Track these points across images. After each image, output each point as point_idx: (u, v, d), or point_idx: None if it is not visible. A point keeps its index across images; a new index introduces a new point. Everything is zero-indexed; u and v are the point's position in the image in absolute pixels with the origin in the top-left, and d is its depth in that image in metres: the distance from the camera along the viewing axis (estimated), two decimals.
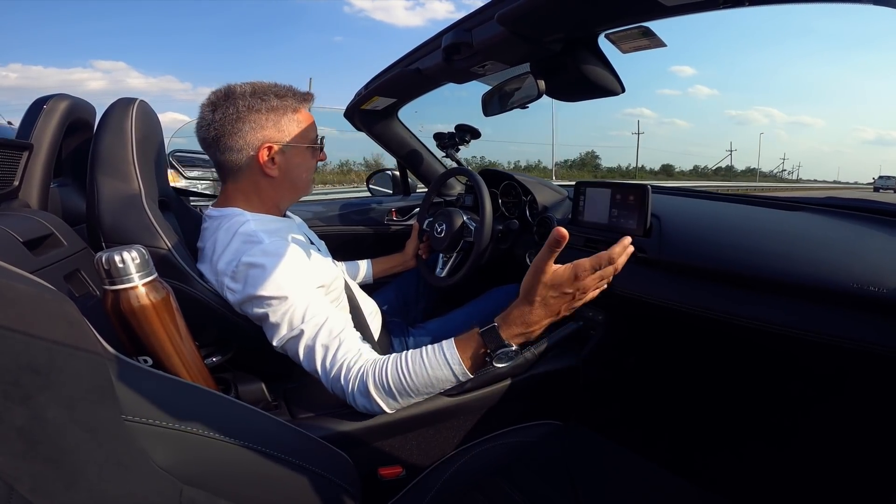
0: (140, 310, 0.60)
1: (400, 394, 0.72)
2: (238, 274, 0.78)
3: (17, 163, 0.84)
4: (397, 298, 1.44)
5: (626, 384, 1.16)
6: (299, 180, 0.93)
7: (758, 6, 0.63)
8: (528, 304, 0.69)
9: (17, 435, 0.30)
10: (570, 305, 0.70)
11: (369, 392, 0.72)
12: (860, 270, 0.70)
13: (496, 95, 1.12)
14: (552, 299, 0.68)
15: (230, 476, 0.49)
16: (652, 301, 0.94)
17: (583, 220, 1.17)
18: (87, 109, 1.07)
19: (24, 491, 0.29)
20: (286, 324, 0.75)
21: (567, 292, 0.68)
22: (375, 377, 0.72)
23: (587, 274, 0.67)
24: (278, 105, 0.85)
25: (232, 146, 0.84)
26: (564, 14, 0.75)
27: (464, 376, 0.72)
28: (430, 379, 0.72)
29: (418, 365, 0.72)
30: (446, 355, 0.72)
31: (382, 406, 0.73)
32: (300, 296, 0.76)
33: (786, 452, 1.01)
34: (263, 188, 0.89)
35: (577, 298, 0.69)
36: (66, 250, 0.77)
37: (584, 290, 0.69)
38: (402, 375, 0.71)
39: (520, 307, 0.70)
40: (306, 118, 0.90)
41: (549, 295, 0.68)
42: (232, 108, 0.82)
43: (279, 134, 0.86)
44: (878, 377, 0.78)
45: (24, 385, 0.31)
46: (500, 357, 0.70)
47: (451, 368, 0.71)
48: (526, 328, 0.70)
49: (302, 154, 0.90)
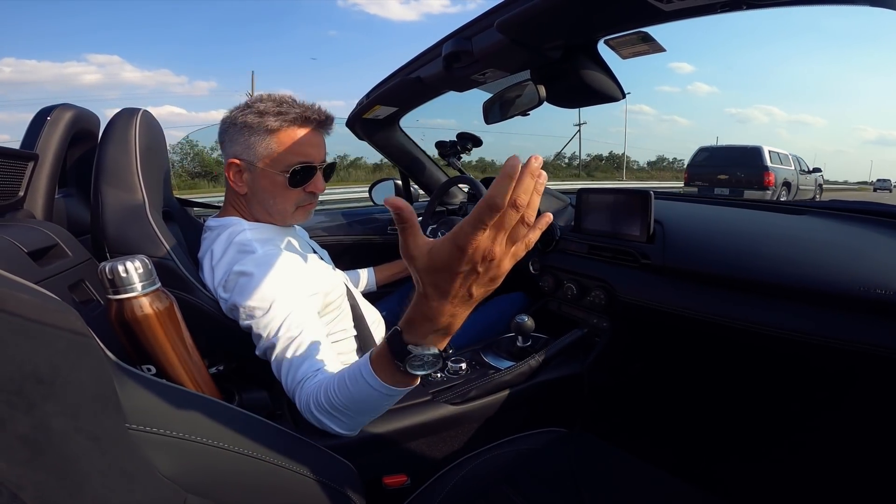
0: (143, 319, 0.60)
1: (336, 413, 0.66)
2: (229, 283, 0.79)
3: (23, 173, 0.85)
4: (400, 307, 1.44)
5: (631, 391, 1.16)
6: (268, 204, 0.87)
7: (755, 9, 0.63)
8: (423, 296, 0.52)
9: (20, 443, 0.30)
10: (482, 282, 0.50)
11: (311, 411, 0.68)
12: (866, 273, 0.70)
13: (497, 103, 1.13)
14: (446, 283, 0.49)
15: (234, 485, 0.49)
16: (656, 307, 0.93)
17: (586, 227, 1.17)
18: (92, 119, 1.08)
19: (28, 499, 0.29)
20: (265, 333, 0.75)
21: (462, 270, 0.48)
22: (317, 396, 0.67)
23: (472, 238, 0.45)
24: (253, 121, 0.82)
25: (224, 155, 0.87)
26: (563, 21, 0.76)
27: (386, 390, 0.61)
28: (353, 396, 0.64)
29: (342, 382, 0.64)
30: (362, 371, 0.62)
31: (330, 425, 0.68)
32: (281, 307, 0.75)
33: (794, 458, 1.00)
34: (242, 203, 0.89)
35: (488, 271, 0.49)
36: (70, 261, 0.77)
37: (489, 259, 0.47)
38: (331, 394, 0.65)
39: (416, 303, 0.54)
40: (287, 142, 0.83)
41: (439, 279, 0.49)
42: (228, 117, 0.85)
43: (246, 151, 0.83)
44: (886, 380, 0.78)
45: (28, 394, 0.31)
46: (412, 364, 0.56)
47: (367, 383, 0.61)
48: (432, 324, 0.53)
49: (270, 179, 0.84)
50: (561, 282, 1.17)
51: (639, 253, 1.00)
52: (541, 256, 1.26)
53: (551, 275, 1.21)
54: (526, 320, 0.98)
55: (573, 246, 1.18)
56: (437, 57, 0.97)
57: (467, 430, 0.88)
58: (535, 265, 1.29)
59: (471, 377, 0.91)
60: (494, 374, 0.90)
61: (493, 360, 0.98)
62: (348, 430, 0.69)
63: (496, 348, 1.03)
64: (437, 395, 0.86)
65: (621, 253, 1.04)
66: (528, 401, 0.94)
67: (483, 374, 0.92)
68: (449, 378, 0.91)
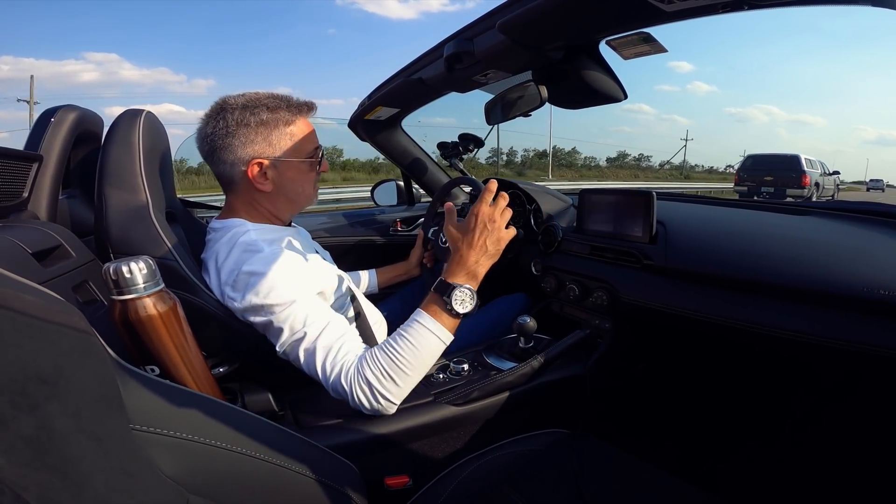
0: (147, 320, 0.60)
1: (396, 374, 0.74)
2: (238, 283, 0.78)
3: (27, 174, 0.85)
4: (402, 308, 1.44)
5: (633, 392, 1.15)
6: (295, 193, 0.91)
7: (757, 10, 0.63)
8: (457, 252, 0.82)
9: (24, 444, 0.30)
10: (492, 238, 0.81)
11: (370, 382, 0.73)
12: (870, 274, 0.70)
13: (499, 104, 1.13)
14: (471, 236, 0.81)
15: (236, 486, 0.49)
16: (659, 308, 0.93)
17: (588, 228, 1.17)
18: (95, 121, 1.08)
19: (31, 500, 0.29)
20: (288, 328, 0.76)
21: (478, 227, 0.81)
22: (371, 365, 0.74)
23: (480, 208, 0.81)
24: (269, 119, 0.83)
25: (225, 160, 0.84)
26: (565, 22, 0.76)
27: (443, 334, 0.78)
28: (416, 347, 0.76)
29: (402, 339, 0.76)
30: (420, 321, 0.78)
31: (384, 392, 0.74)
32: (301, 301, 0.77)
33: (796, 459, 0.99)
34: (260, 201, 0.89)
35: (493, 231, 0.81)
36: (74, 261, 0.78)
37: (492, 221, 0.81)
38: (392, 354, 0.75)
39: (452, 259, 0.82)
40: (302, 130, 0.88)
41: (466, 237, 0.81)
42: (222, 122, 0.82)
43: (270, 149, 0.84)
44: (889, 381, 0.77)
45: (31, 394, 0.31)
46: (455, 298, 0.78)
47: (428, 329, 0.77)
48: (464, 268, 0.80)
49: (296, 168, 0.88)
50: (563, 283, 1.17)
51: (641, 254, 1.00)
52: (543, 257, 1.26)
53: (553, 276, 1.21)
54: (528, 321, 0.98)
55: (575, 247, 1.18)
56: (439, 58, 0.97)
57: (469, 431, 0.88)
58: (538, 266, 1.29)
59: (473, 378, 0.91)
60: (496, 375, 0.90)
61: (496, 361, 0.98)
62: (396, 397, 0.76)
63: (498, 349, 1.03)
64: (439, 395, 0.86)
65: (623, 254, 1.04)
66: (530, 402, 0.94)
67: (485, 375, 0.92)
68: (451, 379, 0.91)
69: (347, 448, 0.74)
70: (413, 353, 0.75)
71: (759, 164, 11.56)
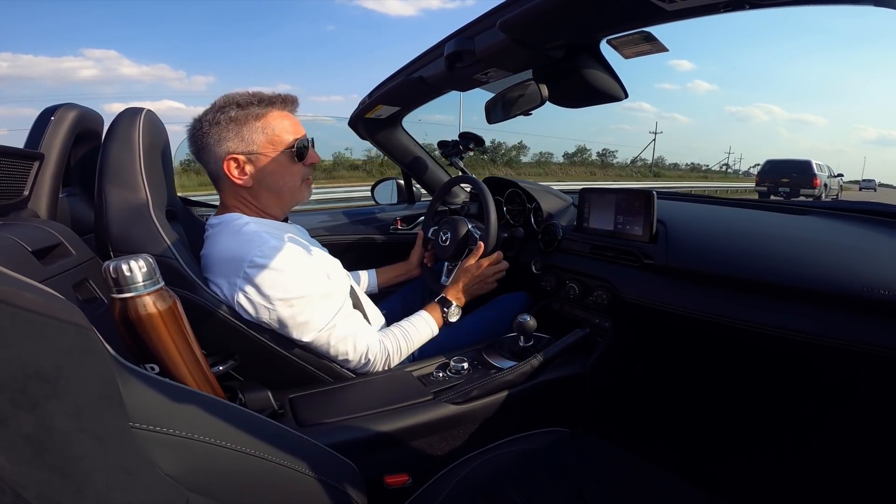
0: (147, 318, 0.60)
1: (405, 350, 0.99)
2: (248, 274, 0.79)
3: (28, 173, 0.85)
4: (402, 307, 1.44)
5: (634, 391, 1.15)
6: (277, 186, 0.91)
7: (757, 9, 0.63)
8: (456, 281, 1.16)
9: (24, 442, 0.30)
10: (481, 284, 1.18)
11: (388, 353, 0.95)
12: (870, 274, 0.70)
13: (499, 103, 1.13)
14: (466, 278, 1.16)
15: (236, 484, 0.49)
16: (659, 307, 0.93)
17: (588, 227, 1.17)
18: (95, 119, 1.08)
19: (31, 498, 0.30)
20: (318, 318, 0.82)
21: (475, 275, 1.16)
22: (390, 342, 0.96)
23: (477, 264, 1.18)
24: (238, 115, 0.85)
25: (207, 160, 0.88)
26: (566, 21, 0.76)
27: (435, 331, 1.07)
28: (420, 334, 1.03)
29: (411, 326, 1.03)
30: (423, 317, 1.06)
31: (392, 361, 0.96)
32: (319, 291, 0.83)
33: (797, 459, 0.99)
34: (245, 196, 0.91)
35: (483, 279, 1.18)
36: (74, 259, 0.78)
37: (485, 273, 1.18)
38: (405, 335, 1.00)
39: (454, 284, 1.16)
40: (276, 122, 0.88)
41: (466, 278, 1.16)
42: (198, 125, 0.86)
43: (242, 144, 0.86)
44: (889, 381, 0.77)
45: (31, 393, 0.31)
46: (452, 313, 1.11)
47: (429, 327, 1.05)
48: (458, 293, 1.14)
49: (274, 161, 0.88)
50: (563, 282, 1.17)
51: (641, 253, 1.00)
52: (543, 256, 1.26)
53: (553, 275, 1.21)
54: (528, 320, 0.98)
55: (575, 246, 1.18)
56: (440, 57, 0.97)
57: (469, 430, 0.88)
58: (538, 265, 1.29)
59: (473, 377, 0.91)
60: (496, 374, 0.90)
61: (496, 360, 0.98)
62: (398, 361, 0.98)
63: (498, 348, 1.03)
64: (438, 394, 0.86)
65: (624, 253, 1.04)
66: (529, 401, 0.94)
67: (485, 373, 0.92)
68: (451, 377, 0.91)
69: (347, 446, 0.74)
70: (418, 338, 1.02)
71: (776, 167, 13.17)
